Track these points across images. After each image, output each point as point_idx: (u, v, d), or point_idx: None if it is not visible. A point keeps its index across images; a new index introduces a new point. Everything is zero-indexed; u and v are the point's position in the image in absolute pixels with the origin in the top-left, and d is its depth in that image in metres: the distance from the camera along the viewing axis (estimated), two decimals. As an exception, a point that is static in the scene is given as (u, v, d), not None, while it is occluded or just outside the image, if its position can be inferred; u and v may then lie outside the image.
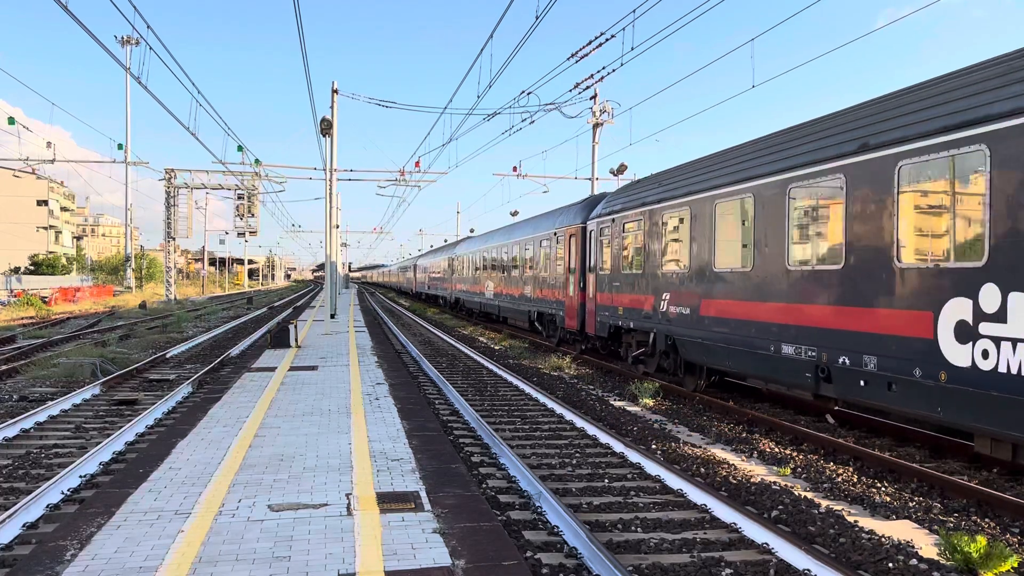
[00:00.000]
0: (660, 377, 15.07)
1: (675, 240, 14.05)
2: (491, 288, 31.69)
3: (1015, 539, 6.65)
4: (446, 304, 47.09)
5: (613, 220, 17.23)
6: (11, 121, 38.25)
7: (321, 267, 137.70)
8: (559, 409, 12.16)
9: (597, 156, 34.21)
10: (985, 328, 7.31)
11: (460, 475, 7.12)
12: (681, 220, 13.74)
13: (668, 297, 14.08)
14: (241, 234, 58.24)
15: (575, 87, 27.12)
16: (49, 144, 44.21)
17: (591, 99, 32.09)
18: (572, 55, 21.46)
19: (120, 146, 46.54)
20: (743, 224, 11.77)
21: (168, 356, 19.36)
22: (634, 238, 15.98)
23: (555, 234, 22.16)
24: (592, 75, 25.43)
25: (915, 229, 8.47)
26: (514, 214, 48.80)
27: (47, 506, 6.92)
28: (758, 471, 8.85)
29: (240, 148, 40.12)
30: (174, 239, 51.34)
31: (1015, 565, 5.79)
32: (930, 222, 8.35)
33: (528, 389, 14.23)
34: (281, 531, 5.49)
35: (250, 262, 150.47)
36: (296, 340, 19.43)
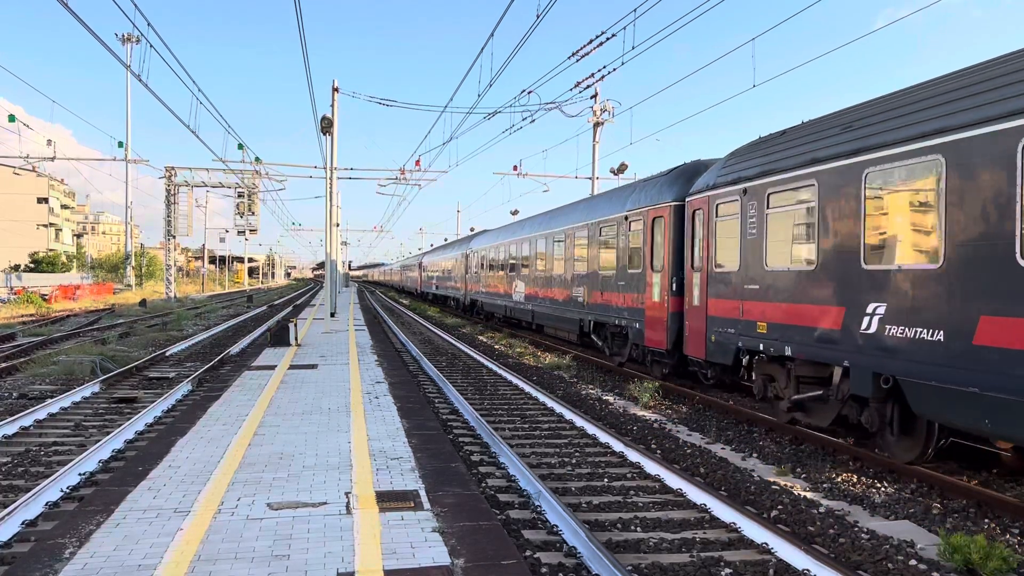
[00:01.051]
0: (820, 431, 10.25)
1: (903, 214, 8.49)
2: (521, 289, 25.78)
3: (1015, 539, 6.65)
4: (458, 306, 41.13)
5: (745, 192, 11.40)
6: (12, 119, 38.23)
7: (321, 265, 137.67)
8: (559, 408, 12.16)
9: (598, 155, 34.23)
10: None
11: (460, 474, 7.12)
12: (922, 179, 8.07)
13: (884, 311, 8.50)
14: (241, 232, 58.22)
15: (576, 86, 27.11)
16: (49, 142, 44.21)
17: (592, 98, 32.13)
18: (573, 54, 21.45)
19: (120, 144, 46.49)
20: None
21: (168, 354, 19.36)
22: (794, 216, 10.34)
23: (626, 218, 16.31)
24: (593, 74, 25.43)
25: None
26: (514, 213, 48.78)
27: (46, 504, 6.92)
28: (758, 471, 8.85)
29: (240, 146, 40.07)
30: (174, 237, 51.32)
31: (1015, 566, 5.79)
32: None
33: (528, 388, 14.22)
34: (280, 530, 5.49)
35: (250, 260, 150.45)
36: (296, 338, 19.43)
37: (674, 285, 14.05)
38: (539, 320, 24.04)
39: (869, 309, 8.78)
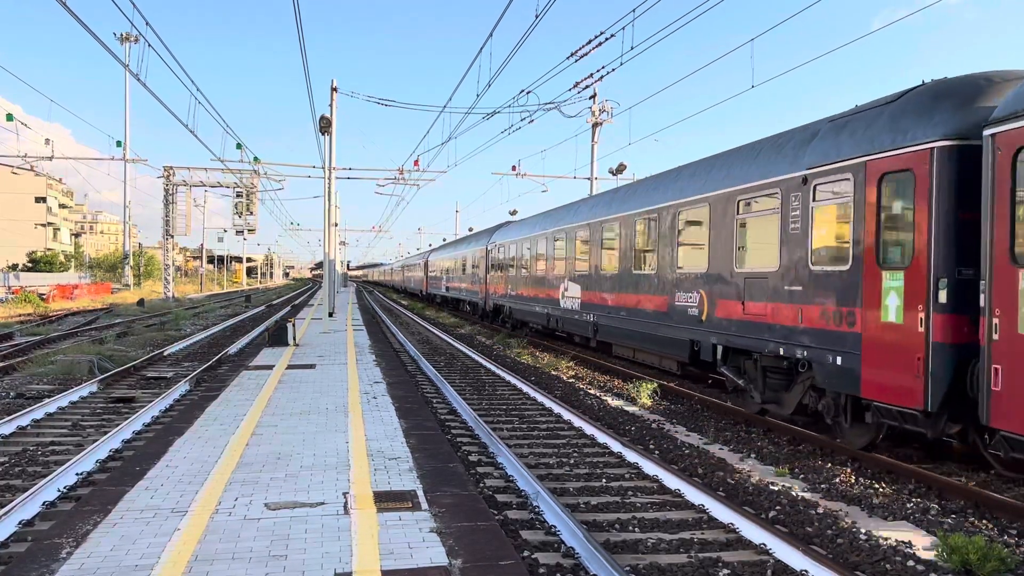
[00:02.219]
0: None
1: None
2: (574, 293, 19.62)
3: (1012, 540, 6.65)
4: (475, 312, 35.20)
5: None
6: (9, 117, 38.13)
7: (319, 265, 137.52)
8: (557, 408, 12.16)
9: (596, 155, 34.22)
10: None
11: (458, 474, 7.11)
12: None
13: None
14: (240, 232, 58.14)
15: (574, 86, 27.13)
16: (48, 141, 44.12)
17: (590, 99, 32.12)
18: (572, 54, 21.45)
19: (119, 143, 46.48)
20: None
21: (166, 354, 19.34)
22: None
23: (805, 181, 10.02)
24: (592, 74, 25.44)
25: None
26: (513, 213, 48.73)
27: (43, 503, 6.91)
28: (756, 471, 8.85)
29: (239, 146, 39.99)
30: (172, 237, 51.28)
31: (1012, 567, 5.79)
32: None
33: (526, 388, 14.21)
34: (278, 530, 5.48)
35: (248, 260, 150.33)
36: (294, 338, 19.41)
37: (940, 294, 8.04)
38: (606, 336, 17.67)
39: None
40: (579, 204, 21.49)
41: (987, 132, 7.66)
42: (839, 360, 9.25)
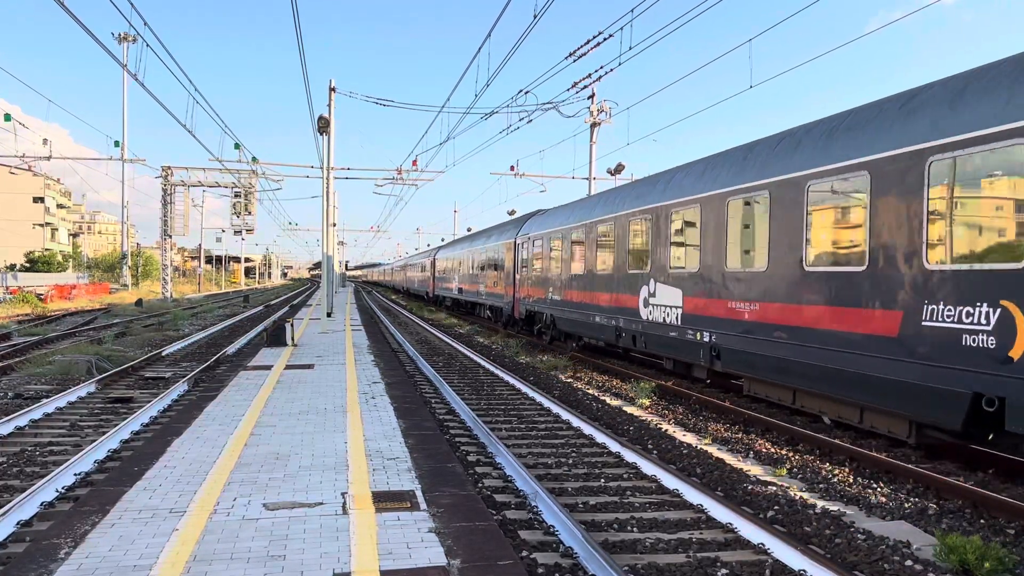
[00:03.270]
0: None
1: None
2: (672, 299, 13.93)
3: (1010, 540, 6.65)
4: (498, 318, 30.17)
5: None
6: (7, 118, 38.08)
7: (318, 265, 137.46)
8: (555, 408, 12.16)
9: (595, 155, 34.20)
10: None
11: (456, 474, 7.11)
12: None
13: None
14: (238, 232, 58.08)
15: (573, 86, 27.14)
16: (46, 141, 44.07)
17: (589, 99, 32.11)
18: (570, 54, 21.47)
19: (117, 143, 46.45)
20: None
21: (164, 354, 19.32)
22: None
23: None
24: (590, 74, 25.44)
25: None
26: (511, 213, 48.72)
27: (41, 504, 6.90)
28: (754, 471, 8.85)
29: (237, 146, 39.88)
30: (171, 237, 51.23)
31: (1010, 566, 5.80)
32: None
33: (525, 388, 14.22)
34: (276, 530, 5.47)
35: (247, 260, 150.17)
36: (292, 338, 19.40)
37: None
38: (737, 365, 12.00)
39: None
40: (676, 172, 15.05)
41: None
42: None
